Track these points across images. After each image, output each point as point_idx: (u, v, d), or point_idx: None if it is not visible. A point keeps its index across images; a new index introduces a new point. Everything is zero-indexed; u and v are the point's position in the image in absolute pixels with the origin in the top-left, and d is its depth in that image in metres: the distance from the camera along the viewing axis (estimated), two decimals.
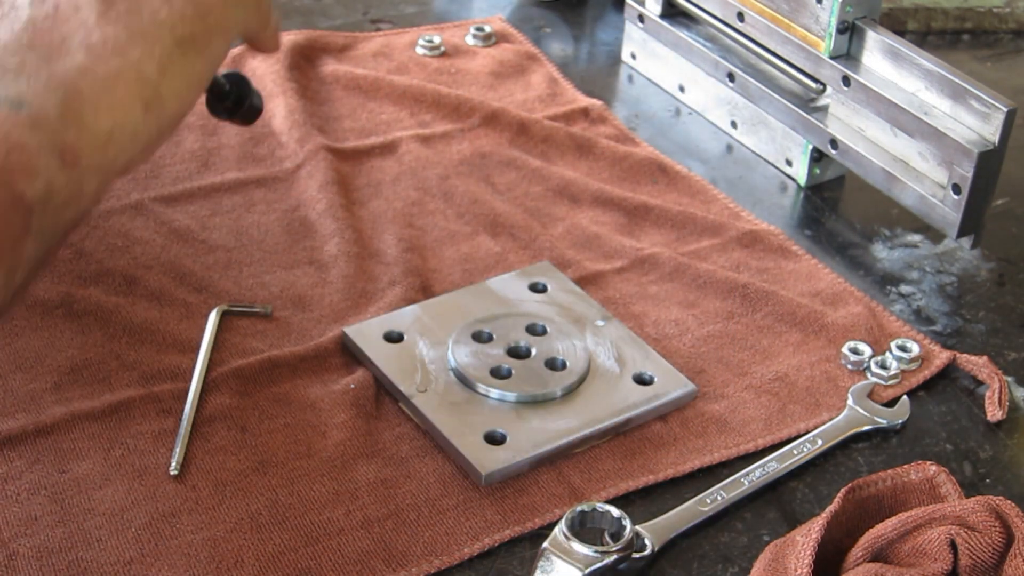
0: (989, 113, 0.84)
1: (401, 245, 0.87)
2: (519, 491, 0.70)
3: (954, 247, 0.92)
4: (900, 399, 0.78)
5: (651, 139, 1.02)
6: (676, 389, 0.76)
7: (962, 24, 1.21)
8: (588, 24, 1.19)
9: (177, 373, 0.75)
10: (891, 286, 0.88)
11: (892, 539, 0.63)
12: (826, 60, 0.93)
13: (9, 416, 0.71)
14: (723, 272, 0.86)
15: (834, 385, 0.79)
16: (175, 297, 0.80)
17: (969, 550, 0.61)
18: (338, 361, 0.77)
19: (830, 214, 0.96)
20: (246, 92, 0.69)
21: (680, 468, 0.72)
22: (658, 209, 0.92)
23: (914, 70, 0.88)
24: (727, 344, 0.81)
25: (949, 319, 0.86)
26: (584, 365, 0.76)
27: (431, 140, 0.99)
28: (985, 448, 0.76)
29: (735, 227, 0.91)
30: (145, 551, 0.64)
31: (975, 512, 0.62)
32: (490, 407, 0.74)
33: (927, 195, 0.88)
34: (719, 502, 0.70)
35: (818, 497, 0.72)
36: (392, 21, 1.16)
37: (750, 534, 0.69)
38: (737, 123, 1.03)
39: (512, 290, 0.83)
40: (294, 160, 0.94)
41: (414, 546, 0.66)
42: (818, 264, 0.89)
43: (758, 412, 0.76)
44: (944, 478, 0.67)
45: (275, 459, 0.70)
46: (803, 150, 0.98)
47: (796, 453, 0.73)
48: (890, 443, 0.76)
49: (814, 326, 0.83)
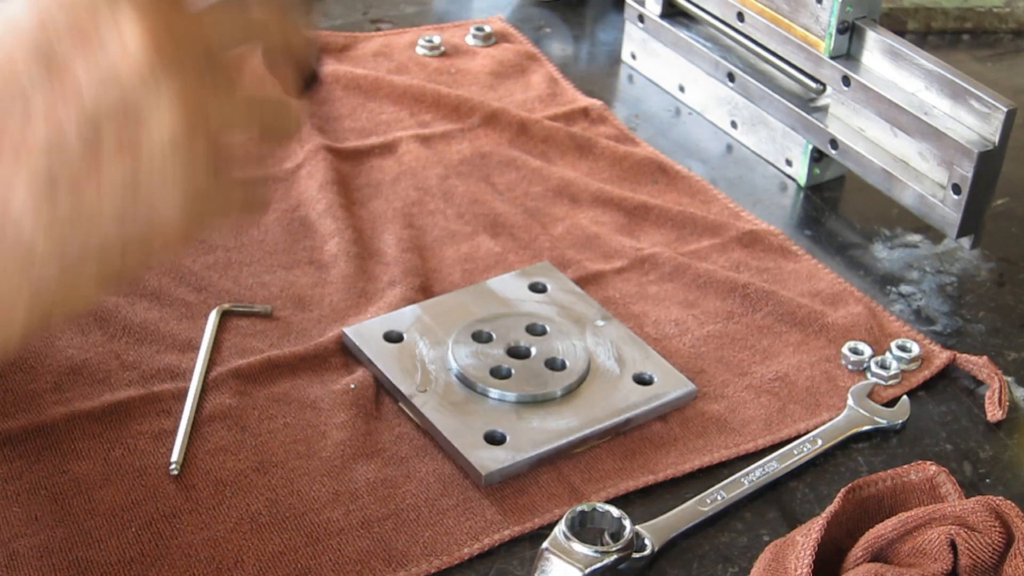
0: (989, 113, 0.84)
1: (401, 245, 0.87)
2: (519, 491, 0.70)
3: (954, 247, 0.92)
4: (900, 399, 0.78)
5: (651, 139, 1.02)
6: (676, 389, 0.76)
7: (962, 24, 1.21)
8: (588, 24, 1.19)
9: (177, 373, 0.75)
10: (891, 286, 0.88)
11: (892, 539, 0.63)
12: (826, 60, 0.93)
13: (9, 416, 0.71)
14: (723, 272, 0.86)
15: (834, 385, 0.79)
16: (175, 297, 0.80)
17: (969, 550, 0.61)
18: (338, 361, 0.77)
19: (830, 214, 0.96)
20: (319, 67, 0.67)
21: (680, 468, 0.72)
22: (658, 209, 0.92)
23: (914, 70, 0.88)
24: (727, 344, 0.81)
25: (949, 319, 0.86)
26: (584, 365, 0.76)
27: (431, 140, 0.99)
28: (985, 448, 0.76)
29: (735, 227, 0.91)
30: (145, 551, 0.64)
31: (975, 512, 0.62)
32: (490, 407, 0.74)
33: (927, 195, 0.88)
34: (719, 502, 0.70)
35: (818, 497, 0.72)
36: (392, 21, 1.16)
37: (750, 534, 0.69)
38: (737, 123, 1.03)
39: (512, 290, 0.83)
40: (294, 160, 0.94)
41: (414, 546, 0.66)
42: (818, 264, 0.89)
43: (758, 412, 0.76)
44: (944, 478, 0.67)
45: (275, 459, 0.70)
46: (803, 150, 0.98)
47: (796, 453, 0.73)
48: (890, 443, 0.76)
49: (814, 326, 0.83)
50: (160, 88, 0.49)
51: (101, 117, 0.48)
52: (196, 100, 0.50)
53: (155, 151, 0.49)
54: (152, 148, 0.49)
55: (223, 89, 0.52)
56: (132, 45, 0.48)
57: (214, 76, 0.51)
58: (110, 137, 0.48)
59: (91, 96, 0.48)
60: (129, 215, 0.49)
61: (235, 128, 0.53)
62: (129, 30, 0.48)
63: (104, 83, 0.48)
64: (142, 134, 0.49)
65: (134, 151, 0.49)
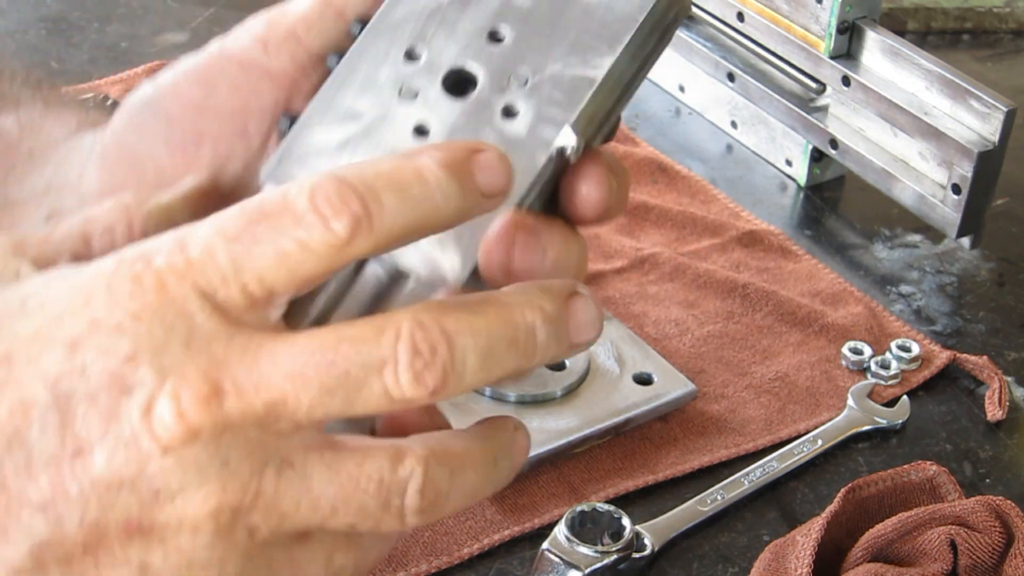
0: (989, 113, 0.84)
1: None
2: (519, 491, 0.70)
3: (954, 247, 0.92)
4: (900, 399, 0.78)
5: (651, 139, 1.02)
6: (676, 389, 0.76)
7: (962, 24, 1.21)
8: None
9: None
10: (891, 286, 0.88)
11: (892, 539, 0.63)
12: (826, 60, 0.93)
13: None
14: (723, 272, 0.86)
15: (834, 385, 0.79)
16: None
17: (969, 550, 0.61)
18: None
19: (830, 214, 0.96)
20: None
21: (680, 468, 0.72)
22: (658, 209, 0.92)
23: (914, 70, 0.88)
24: (727, 344, 0.81)
25: (949, 319, 0.86)
26: (584, 365, 0.76)
27: None
28: (985, 448, 0.76)
29: (735, 227, 0.91)
30: None
31: (975, 512, 0.62)
32: (489, 407, 0.74)
33: (927, 195, 0.88)
34: (719, 502, 0.70)
35: (818, 497, 0.72)
36: None
37: (750, 534, 0.69)
38: (737, 123, 1.03)
39: None
40: None
41: (414, 546, 0.66)
42: (818, 264, 0.89)
43: (758, 412, 0.76)
44: (944, 478, 0.67)
45: None
46: (803, 150, 0.98)
47: (796, 453, 0.73)
48: (890, 443, 0.76)
49: (814, 326, 0.83)
50: (193, 477, 0.38)
51: (107, 509, 0.38)
52: (241, 497, 0.38)
53: (176, 542, 0.38)
54: (172, 536, 0.38)
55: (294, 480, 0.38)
56: (168, 437, 0.37)
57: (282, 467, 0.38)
58: (117, 523, 0.38)
59: (103, 479, 0.38)
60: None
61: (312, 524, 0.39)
62: (169, 417, 0.37)
63: (123, 486, 0.37)
64: (159, 516, 0.38)
65: (146, 538, 0.38)
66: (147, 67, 1.03)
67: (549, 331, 0.40)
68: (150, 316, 0.38)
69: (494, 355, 0.39)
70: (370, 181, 0.38)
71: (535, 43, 0.43)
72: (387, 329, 0.38)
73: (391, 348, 0.38)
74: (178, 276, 0.38)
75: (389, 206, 0.38)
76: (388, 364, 0.37)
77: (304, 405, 0.37)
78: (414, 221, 0.38)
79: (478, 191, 0.39)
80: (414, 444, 0.39)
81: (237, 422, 0.37)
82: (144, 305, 0.38)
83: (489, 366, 0.39)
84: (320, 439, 0.39)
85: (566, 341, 0.41)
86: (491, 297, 0.40)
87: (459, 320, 0.38)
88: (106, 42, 1.10)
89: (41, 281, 0.40)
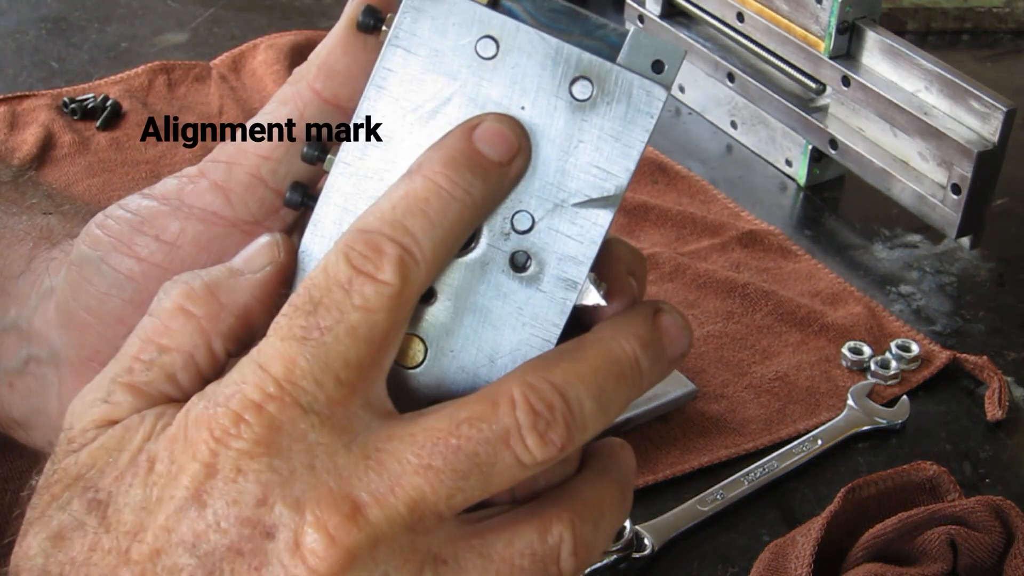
0: (989, 113, 0.84)
1: None
2: None
3: (954, 247, 0.92)
4: (900, 399, 0.78)
5: (651, 139, 1.02)
6: (676, 389, 0.76)
7: (962, 24, 1.21)
8: None
9: None
10: (891, 286, 0.88)
11: (892, 539, 0.63)
12: (826, 60, 0.93)
13: None
14: (723, 272, 0.86)
15: (834, 385, 0.79)
16: None
17: (969, 550, 0.61)
18: None
19: (830, 214, 0.96)
20: None
21: (680, 468, 0.72)
22: (658, 209, 0.92)
23: (914, 70, 0.88)
24: (727, 344, 0.81)
25: (949, 319, 0.86)
26: None
27: None
28: (985, 448, 0.76)
29: (735, 227, 0.91)
30: None
31: (975, 512, 0.62)
32: None
33: (927, 195, 0.88)
34: (719, 502, 0.70)
35: (818, 497, 0.72)
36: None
37: (750, 534, 0.69)
38: (737, 123, 1.03)
39: None
40: None
41: None
42: (818, 264, 0.89)
43: (758, 412, 0.76)
44: (944, 478, 0.67)
45: None
46: (803, 150, 0.98)
47: (796, 453, 0.73)
48: (890, 443, 0.76)
49: (814, 326, 0.83)
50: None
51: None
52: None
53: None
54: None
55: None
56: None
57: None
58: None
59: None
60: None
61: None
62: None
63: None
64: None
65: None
66: (147, 67, 1.03)
67: (650, 355, 0.40)
68: (265, 451, 0.37)
69: (607, 394, 0.39)
70: (389, 218, 0.37)
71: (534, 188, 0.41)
72: (501, 399, 0.37)
73: (510, 417, 0.37)
74: (275, 400, 0.37)
75: (420, 231, 0.37)
76: (512, 434, 0.37)
77: (443, 496, 0.37)
78: (451, 227, 0.38)
79: (494, 164, 0.39)
80: (555, 507, 0.39)
81: (387, 530, 0.37)
82: (256, 441, 0.37)
83: (605, 407, 0.39)
84: (465, 529, 0.38)
85: (665, 358, 0.41)
86: (585, 340, 0.40)
87: (565, 371, 0.38)
88: (106, 42, 1.10)
89: (140, 433, 0.39)
